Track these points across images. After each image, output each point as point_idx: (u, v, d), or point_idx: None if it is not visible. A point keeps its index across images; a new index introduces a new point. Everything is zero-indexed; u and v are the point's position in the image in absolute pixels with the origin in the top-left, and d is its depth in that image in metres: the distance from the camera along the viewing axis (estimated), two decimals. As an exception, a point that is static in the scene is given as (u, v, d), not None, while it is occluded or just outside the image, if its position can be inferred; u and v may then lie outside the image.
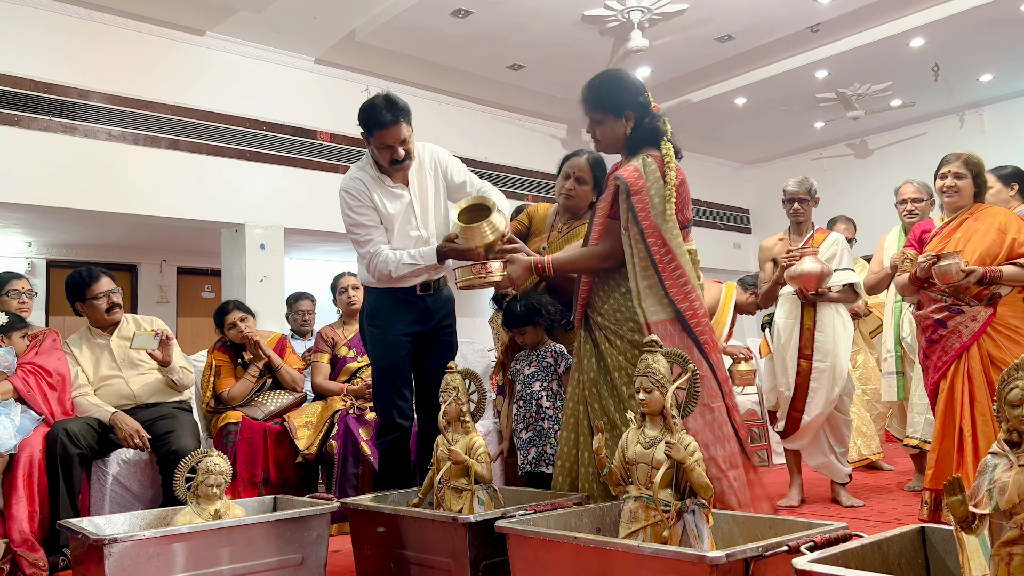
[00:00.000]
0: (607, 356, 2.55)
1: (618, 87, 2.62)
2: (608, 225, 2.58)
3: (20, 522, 3.07)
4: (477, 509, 2.44)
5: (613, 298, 2.58)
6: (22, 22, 5.58)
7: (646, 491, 1.90)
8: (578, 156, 3.30)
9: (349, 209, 3.02)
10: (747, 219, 10.85)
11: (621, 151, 2.69)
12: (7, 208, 5.78)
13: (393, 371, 3.07)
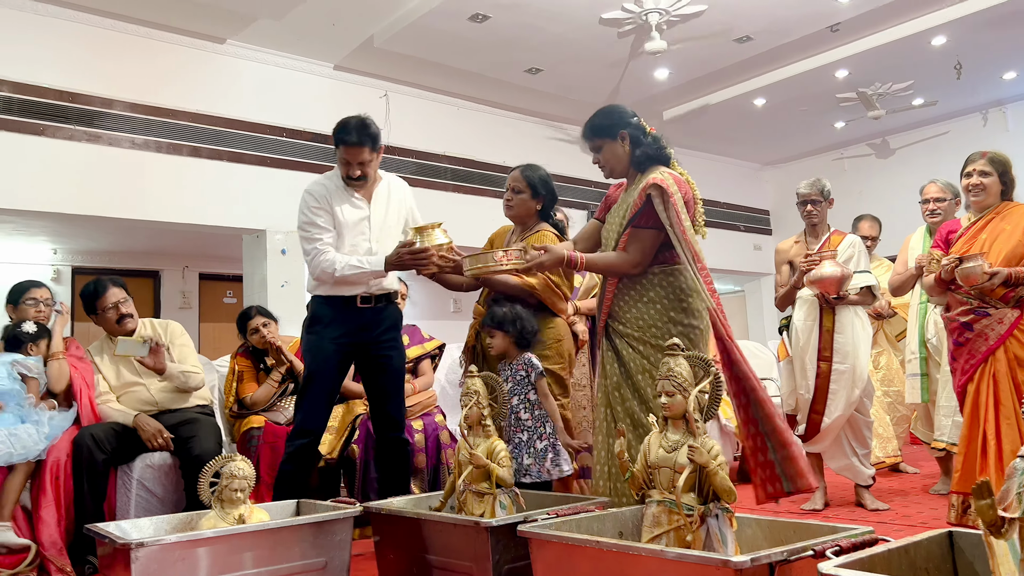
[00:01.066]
0: (629, 361, 2.70)
1: (609, 114, 2.93)
2: (633, 233, 2.74)
3: (49, 526, 3.13)
4: (499, 513, 2.44)
5: (636, 307, 2.75)
6: (47, 33, 5.66)
7: (669, 495, 1.90)
8: (514, 170, 3.48)
9: (307, 208, 3.16)
10: (767, 220, 10.79)
11: (627, 173, 2.91)
12: (33, 216, 5.86)
13: (322, 377, 3.14)
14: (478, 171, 7.91)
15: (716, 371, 1.96)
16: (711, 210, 9.98)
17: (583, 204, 8.64)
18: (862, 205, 6.83)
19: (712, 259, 10.56)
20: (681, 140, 9.45)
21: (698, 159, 10.00)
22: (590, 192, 8.78)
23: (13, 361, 3.36)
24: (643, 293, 2.76)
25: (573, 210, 7.89)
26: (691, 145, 9.69)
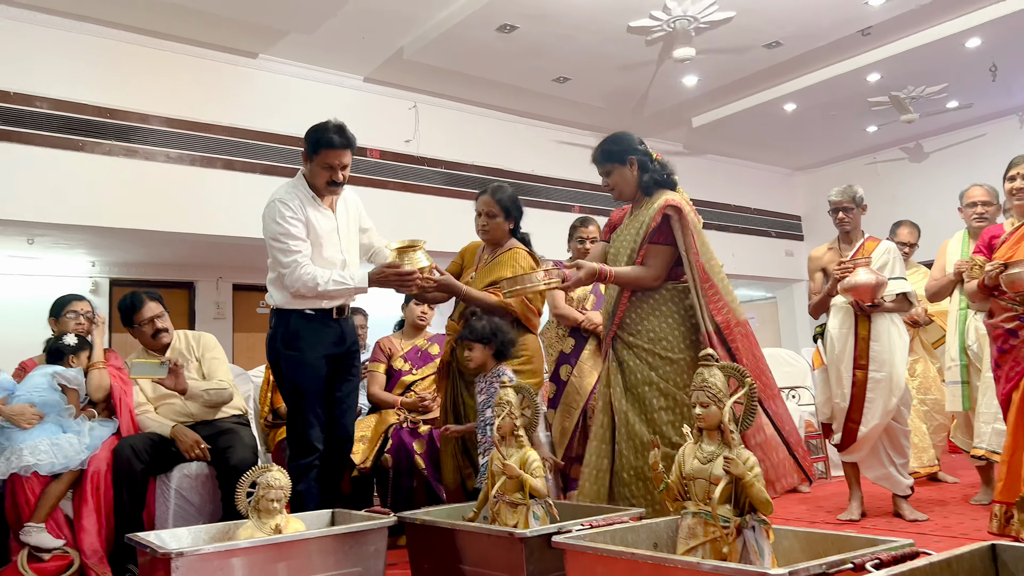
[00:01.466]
0: (637, 371, 2.87)
1: (619, 140, 3.11)
2: (651, 249, 2.94)
3: (90, 535, 3.18)
4: (532, 524, 2.44)
5: (649, 320, 2.92)
6: (84, 51, 5.80)
7: (704, 507, 1.88)
8: (483, 194, 3.50)
9: (282, 219, 3.04)
10: (799, 226, 10.68)
11: (633, 196, 3.11)
12: (72, 230, 5.98)
13: (313, 394, 3.12)
14: (506, 180, 7.92)
15: (751, 382, 1.95)
16: (742, 216, 9.94)
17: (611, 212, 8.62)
18: (896, 210, 6.74)
19: (743, 265, 10.48)
20: (710, 146, 9.42)
21: (728, 165, 9.94)
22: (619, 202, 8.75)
23: (54, 372, 3.43)
24: (656, 307, 2.94)
25: (603, 218, 7.87)
26: (720, 151, 9.64)
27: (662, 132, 8.88)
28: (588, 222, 4.35)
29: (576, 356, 4.07)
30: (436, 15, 6.12)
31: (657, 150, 9.40)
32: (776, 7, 6.11)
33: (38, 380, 3.39)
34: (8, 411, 3.26)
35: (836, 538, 1.95)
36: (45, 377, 3.42)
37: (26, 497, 3.16)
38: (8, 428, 3.25)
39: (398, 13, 6.01)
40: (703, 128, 8.53)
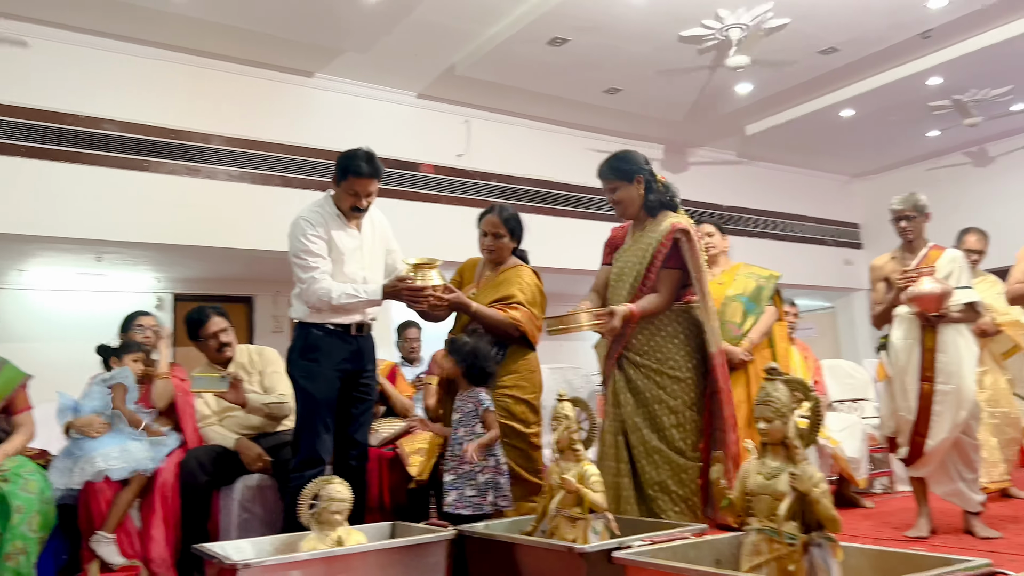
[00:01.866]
0: (645, 391, 2.99)
1: (627, 158, 3.20)
2: (661, 275, 3.06)
3: (158, 544, 3.27)
4: (592, 538, 2.43)
5: (655, 340, 3.06)
6: (149, 74, 6.00)
7: (769, 523, 1.85)
8: (491, 214, 3.53)
9: (304, 236, 3.13)
10: (857, 234, 10.45)
11: (637, 214, 3.20)
12: (139, 247, 6.18)
13: (323, 405, 3.14)
14: (558, 192, 7.94)
15: (815, 395, 1.92)
16: (798, 224, 9.77)
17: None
18: (959, 216, 6.54)
19: (800, 275, 10.27)
20: (765, 154, 9.29)
21: (783, 173, 9.79)
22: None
23: (100, 380, 3.52)
24: (662, 328, 3.07)
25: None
26: (775, 159, 9.50)
27: (714, 141, 8.79)
28: None
29: (633, 369, 4.04)
30: (487, 31, 6.18)
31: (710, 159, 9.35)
32: (832, 13, 6.01)
33: (94, 390, 3.51)
34: (78, 423, 3.38)
35: (908, 557, 1.90)
36: (97, 387, 3.54)
37: (99, 507, 3.26)
38: (79, 439, 3.36)
39: (450, 30, 6.09)
40: (757, 136, 8.42)
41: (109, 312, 7.44)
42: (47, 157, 5.54)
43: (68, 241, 5.84)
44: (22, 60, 5.55)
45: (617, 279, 3.17)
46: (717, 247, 4.36)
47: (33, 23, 5.54)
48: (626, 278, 3.12)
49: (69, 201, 5.57)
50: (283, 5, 5.52)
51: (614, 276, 3.20)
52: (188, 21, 5.66)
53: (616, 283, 3.18)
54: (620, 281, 3.16)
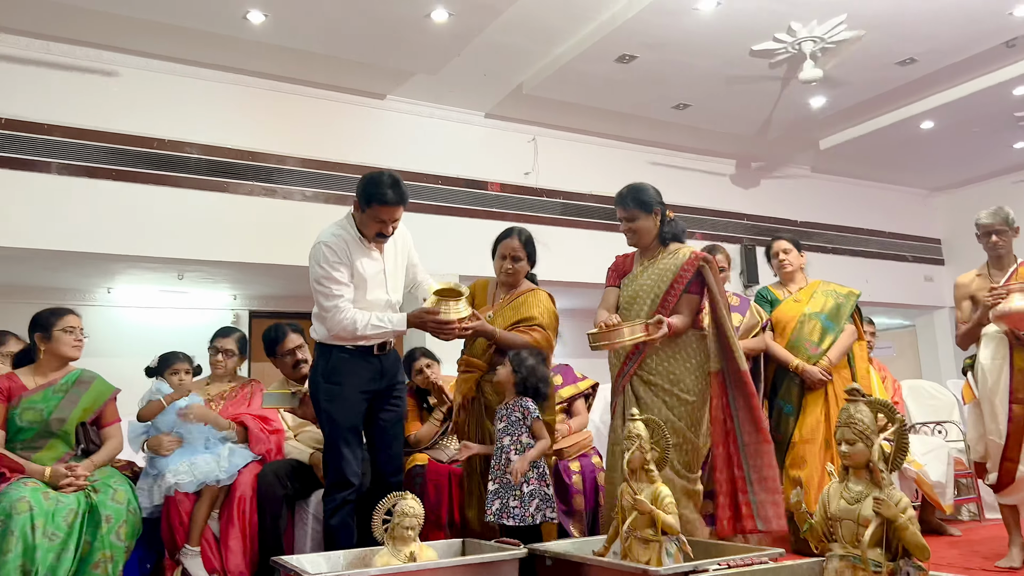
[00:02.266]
0: (654, 408, 3.07)
1: (647, 190, 3.32)
2: (684, 299, 3.17)
3: (236, 555, 3.35)
4: (665, 560, 2.39)
5: (670, 363, 3.16)
6: (229, 99, 6.23)
7: (852, 549, 1.79)
8: (510, 238, 3.60)
9: (326, 262, 3.06)
10: (939, 250, 10.07)
11: (650, 244, 3.33)
12: (217, 266, 6.39)
13: (350, 428, 3.12)
14: (626, 209, 7.89)
15: (901, 417, 1.85)
16: (876, 240, 9.48)
17: (736, 238, 8.42)
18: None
19: (879, 292, 9.94)
20: (840, 168, 9.07)
21: (859, 187, 9.54)
22: (742, 225, 8.55)
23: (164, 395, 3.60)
24: (678, 351, 3.17)
25: (728, 244, 7.69)
26: (851, 173, 9.26)
27: (787, 155, 8.62)
28: (716, 250, 4.27)
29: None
30: (555, 50, 6.21)
31: (782, 174, 9.16)
32: (910, 23, 5.84)
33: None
34: (151, 443, 3.50)
35: (1002, 589, 1.81)
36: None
37: (180, 519, 3.36)
38: (154, 458, 3.48)
39: (518, 50, 6.14)
40: (832, 150, 8.22)
41: (190, 328, 7.74)
42: (133, 180, 5.80)
43: (152, 260, 6.08)
44: (112, 88, 5.83)
45: (630, 303, 3.27)
46: (793, 264, 4.27)
47: (121, 52, 5.82)
48: (642, 302, 3.22)
49: (153, 221, 5.80)
50: (357, 30, 5.67)
51: (626, 300, 3.30)
52: (265, 47, 5.86)
53: (629, 307, 3.27)
54: (635, 304, 3.25)
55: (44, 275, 6.78)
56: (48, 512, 2.82)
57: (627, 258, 3.47)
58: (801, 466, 3.93)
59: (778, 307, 4.22)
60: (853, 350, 4.13)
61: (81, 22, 5.40)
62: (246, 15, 5.40)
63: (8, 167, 5.40)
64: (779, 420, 4.13)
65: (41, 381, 3.23)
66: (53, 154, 5.56)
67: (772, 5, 5.53)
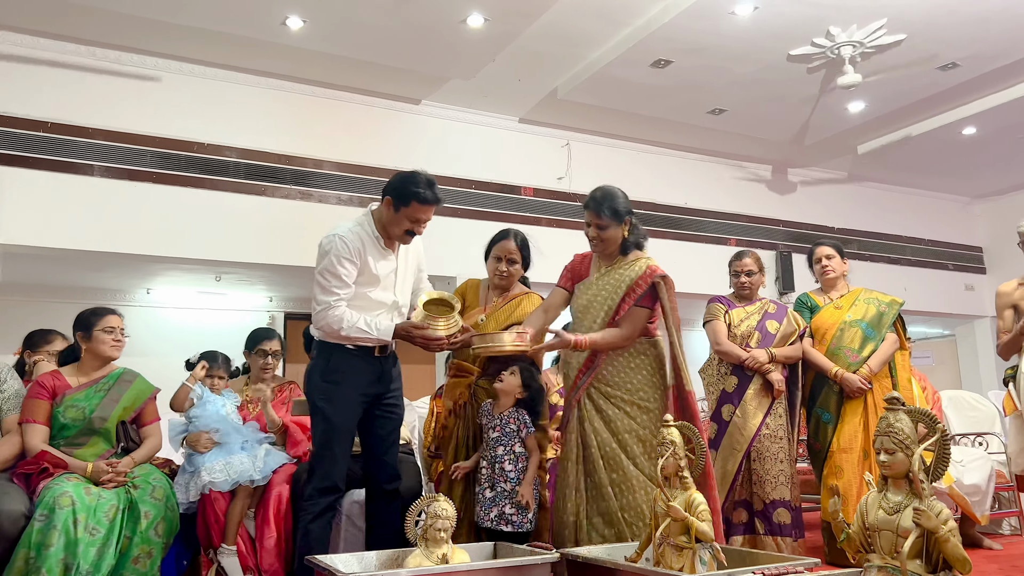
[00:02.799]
0: (617, 420, 3.08)
1: (619, 198, 3.19)
2: (631, 311, 3.11)
3: (270, 554, 3.39)
4: (699, 568, 2.37)
5: (625, 372, 3.14)
6: (267, 104, 6.32)
7: (891, 561, 1.77)
8: (506, 240, 3.54)
9: (336, 256, 2.97)
10: (980, 258, 9.87)
11: (615, 253, 3.24)
12: (254, 268, 6.49)
13: (344, 431, 3.04)
14: (659, 214, 7.87)
15: (942, 426, 1.82)
16: (915, 248, 9.32)
17: (772, 244, 8.33)
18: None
19: (918, 301, 9.78)
20: (878, 175, 8.94)
21: (898, 194, 9.39)
22: (778, 232, 8.46)
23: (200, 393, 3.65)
24: (631, 360, 3.15)
25: (762, 250, 7.62)
26: (890, 180, 9.12)
27: (824, 161, 8.52)
28: (743, 255, 4.24)
29: (739, 395, 3.94)
30: (590, 55, 6.21)
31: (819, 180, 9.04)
32: (951, 27, 5.75)
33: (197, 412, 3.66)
34: (190, 439, 3.56)
35: (1046, 604, 1.77)
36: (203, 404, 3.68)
37: (216, 516, 3.41)
38: (191, 455, 3.54)
39: (553, 55, 6.16)
40: (870, 155, 8.11)
41: (227, 328, 7.85)
42: (174, 183, 5.91)
43: (191, 262, 6.19)
44: (153, 93, 5.95)
45: (584, 311, 3.22)
46: (836, 271, 4.21)
47: (163, 58, 5.94)
48: (596, 313, 3.17)
49: (192, 224, 5.91)
50: (393, 36, 5.72)
51: (580, 308, 3.25)
52: (303, 53, 5.94)
53: (582, 315, 3.23)
54: (587, 313, 3.20)
55: (86, 276, 6.94)
56: (90, 507, 2.88)
57: (584, 260, 3.38)
58: (838, 475, 3.88)
59: (818, 314, 4.17)
60: (895, 359, 4.07)
61: (124, 28, 5.52)
62: (285, 21, 5.48)
63: (52, 169, 5.54)
64: (817, 428, 4.08)
65: (84, 380, 3.30)
66: (96, 157, 5.69)
67: (810, 10, 5.48)
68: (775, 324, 4.04)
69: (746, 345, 4.01)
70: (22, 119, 5.49)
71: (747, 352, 3.96)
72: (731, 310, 4.14)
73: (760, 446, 3.89)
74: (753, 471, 3.90)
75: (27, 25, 5.45)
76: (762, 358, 3.92)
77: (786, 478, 3.88)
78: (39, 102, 5.56)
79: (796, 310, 4.24)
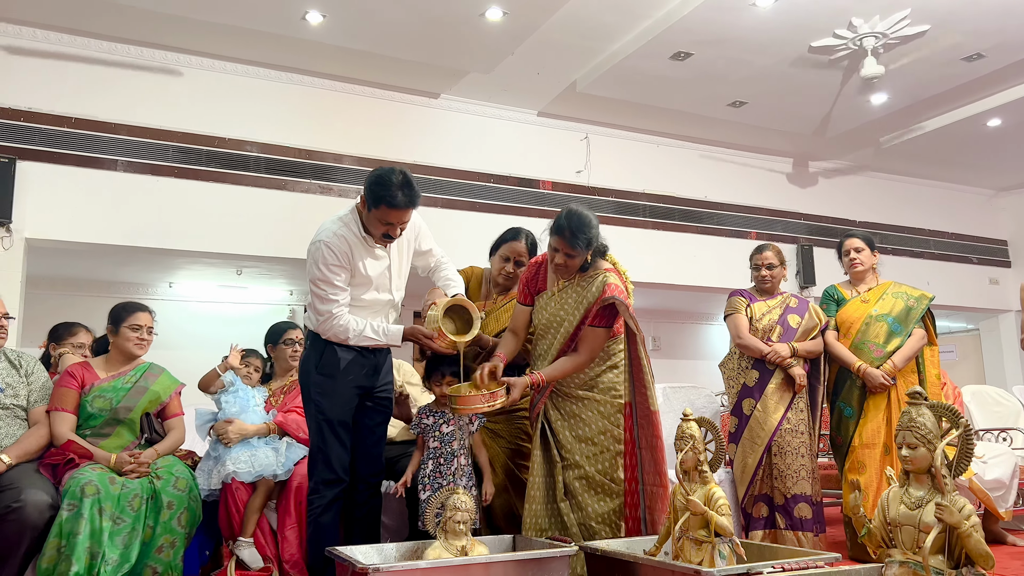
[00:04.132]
0: (591, 423, 3.00)
1: (592, 226, 2.98)
2: (587, 333, 2.98)
3: (291, 544, 3.42)
4: (718, 562, 2.37)
5: (595, 369, 3.05)
6: (287, 99, 6.36)
7: (913, 556, 1.76)
8: (517, 241, 3.44)
9: (324, 265, 2.91)
10: (1005, 251, 9.75)
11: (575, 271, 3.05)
12: (274, 262, 6.53)
13: (341, 423, 3.01)
14: (678, 207, 7.83)
15: (965, 421, 1.80)
16: (938, 241, 9.22)
17: (793, 238, 8.27)
18: None
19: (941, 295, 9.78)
20: (901, 167, 8.84)
21: (921, 187, 9.29)
22: (799, 225, 8.40)
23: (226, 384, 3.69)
24: (605, 359, 3.06)
25: (784, 244, 7.57)
26: (912, 172, 9.02)
27: (846, 154, 8.44)
28: (764, 248, 4.20)
29: (760, 390, 3.92)
30: (609, 47, 6.18)
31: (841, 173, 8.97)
32: (976, 18, 5.67)
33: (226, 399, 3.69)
34: (217, 427, 3.60)
35: (1071, 601, 1.75)
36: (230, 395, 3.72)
37: (236, 507, 3.45)
38: (217, 443, 3.58)
39: (572, 48, 6.14)
40: (893, 148, 8.03)
41: (248, 322, 7.92)
42: (195, 177, 5.96)
43: (212, 255, 6.25)
44: (175, 88, 6.00)
45: (544, 331, 3.09)
46: (865, 264, 4.16)
47: (184, 53, 5.99)
48: (558, 332, 3.03)
49: (213, 218, 5.96)
50: (411, 30, 5.73)
51: (541, 326, 3.10)
52: (323, 48, 5.96)
53: (543, 333, 3.10)
54: (548, 334, 3.07)
55: (110, 270, 7.02)
56: (115, 497, 2.92)
57: (539, 270, 3.19)
58: (860, 471, 3.85)
59: (844, 307, 4.12)
60: (924, 355, 4.01)
61: (146, 24, 5.57)
62: (305, 16, 5.51)
63: (77, 164, 5.60)
64: (839, 423, 4.06)
65: (112, 371, 3.34)
66: (119, 152, 5.75)
67: (832, 0, 5.43)
68: (797, 318, 4.01)
69: (768, 339, 3.98)
70: (46, 115, 5.56)
71: (769, 346, 3.93)
72: (753, 304, 4.11)
73: (781, 440, 3.87)
74: (774, 465, 3.89)
75: (51, 22, 5.52)
76: (784, 352, 3.89)
77: (807, 473, 3.86)
78: (63, 98, 5.62)
79: (823, 302, 4.20)
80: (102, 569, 2.81)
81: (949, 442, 1.79)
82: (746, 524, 3.94)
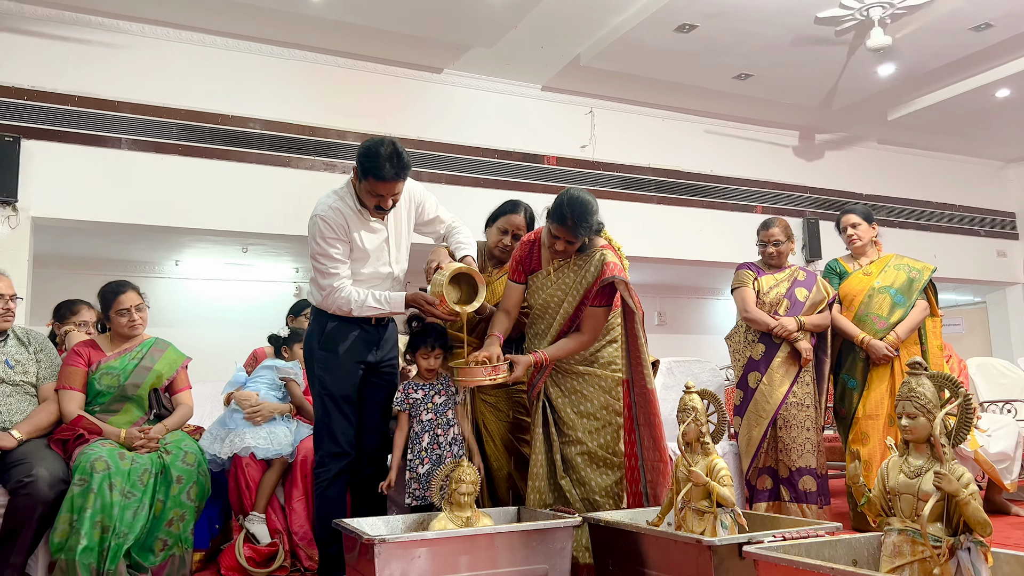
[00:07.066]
0: (593, 398, 3.01)
1: (595, 213, 2.94)
2: (588, 312, 2.97)
3: (299, 516, 3.48)
4: (720, 532, 2.40)
5: (598, 343, 3.05)
6: (290, 75, 6.33)
7: (912, 524, 1.77)
8: (515, 214, 3.41)
9: (322, 238, 2.92)
10: (1013, 224, 9.69)
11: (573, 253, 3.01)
12: (279, 239, 6.53)
13: (345, 398, 3.02)
14: (684, 181, 7.80)
15: (965, 392, 1.81)
16: (945, 214, 9.18)
17: (799, 211, 8.24)
18: None
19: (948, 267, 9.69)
20: (908, 139, 8.77)
21: (928, 159, 9.23)
22: (806, 199, 8.36)
23: (273, 367, 3.77)
24: (606, 333, 3.06)
25: (790, 217, 7.53)
26: (920, 144, 8.96)
27: (853, 126, 8.38)
28: (770, 223, 4.19)
29: (766, 363, 3.93)
30: (613, 20, 6.13)
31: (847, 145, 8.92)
32: (986, -15, 5.60)
33: (262, 372, 3.77)
34: (239, 395, 3.65)
35: (1069, 567, 1.77)
36: (267, 370, 3.79)
37: (247, 481, 3.49)
38: (235, 412, 3.62)
39: (576, 21, 6.08)
40: (900, 120, 7.96)
41: (254, 300, 7.95)
42: (199, 155, 5.96)
43: (217, 233, 6.25)
44: (178, 65, 5.98)
45: (541, 313, 3.06)
46: (863, 238, 4.16)
47: (186, 30, 5.96)
48: (556, 311, 3.01)
49: (218, 196, 5.96)
50: (413, 5, 5.68)
51: (538, 307, 3.07)
52: (324, 23, 5.93)
53: (540, 314, 3.07)
54: (544, 316, 3.05)
55: (115, 248, 7.04)
56: (124, 471, 2.96)
57: (533, 248, 3.14)
58: (864, 441, 3.88)
59: (847, 280, 4.13)
60: (926, 326, 4.03)
61: (149, 1, 5.54)
62: (306, -9, 5.47)
63: (81, 143, 5.60)
64: (843, 395, 4.07)
65: (117, 348, 3.37)
66: (123, 130, 5.74)
67: (839, -30, 5.36)
68: (804, 292, 4.02)
69: (775, 313, 3.99)
70: (50, 92, 5.56)
71: (776, 320, 3.94)
72: (760, 277, 4.12)
73: (787, 414, 3.89)
74: (779, 439, 3.91)
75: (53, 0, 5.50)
76: (791, 326, 3.90)
77: (812, 446, 3.88)
78: (66, 76, 5.61)
79: (825, 276, 4.21)
80: (113, 543, 2.86)
81: (949, 412, 1.80)
82: (750, 496, 3.97)
